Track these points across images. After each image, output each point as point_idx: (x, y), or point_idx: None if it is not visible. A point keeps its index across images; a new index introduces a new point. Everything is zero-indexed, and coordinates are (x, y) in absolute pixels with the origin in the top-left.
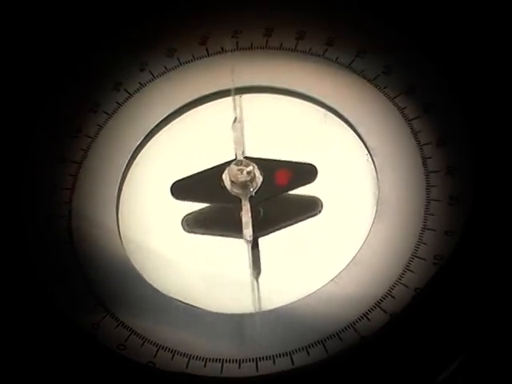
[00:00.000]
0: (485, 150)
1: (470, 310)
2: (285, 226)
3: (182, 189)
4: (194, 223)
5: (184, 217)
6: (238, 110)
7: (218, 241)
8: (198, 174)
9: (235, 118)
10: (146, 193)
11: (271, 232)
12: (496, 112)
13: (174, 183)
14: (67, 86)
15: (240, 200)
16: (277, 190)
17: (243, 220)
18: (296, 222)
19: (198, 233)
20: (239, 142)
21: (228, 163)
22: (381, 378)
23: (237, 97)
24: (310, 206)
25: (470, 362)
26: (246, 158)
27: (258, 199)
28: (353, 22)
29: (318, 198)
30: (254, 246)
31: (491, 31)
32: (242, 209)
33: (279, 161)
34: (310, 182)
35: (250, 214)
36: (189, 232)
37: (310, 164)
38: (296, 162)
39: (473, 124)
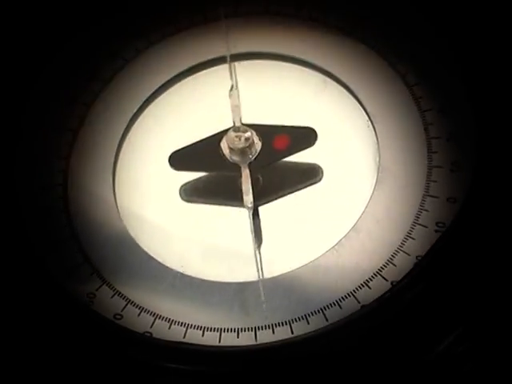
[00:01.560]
0: (486, 116)
1: (472, 278)
2: (285, 194)
3: (181, 159)
4: (192, 192)
5: (182, 186)
6: (234, 76)
7: (216, 210)
8: (195, 143)
9: (232, 86)
10: (144, 161)
11: (272, 200)
12: (497, 77)
13: (172, 154)
14: (63, 53)
15: (239, 168)
16: (276, 156)
17: (243, 187)
18: (296, 190)
19: (197, 202)
20: (237, 108)
21: (226, 131)
22: (381, 346)
23: (235, 63)
24: (311, 174)
25: (471, 330)
26: (243, 124)
27: (257, 166)
28: None
29: (319, 166)
30: (255, 215)
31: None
32: (241, 176)
33: (277, 126)
34: (310, 146)
35: (249, 181)
36: (187, 201)
37: (310, 127)
38: (294, 127)
39: (474, 90)
